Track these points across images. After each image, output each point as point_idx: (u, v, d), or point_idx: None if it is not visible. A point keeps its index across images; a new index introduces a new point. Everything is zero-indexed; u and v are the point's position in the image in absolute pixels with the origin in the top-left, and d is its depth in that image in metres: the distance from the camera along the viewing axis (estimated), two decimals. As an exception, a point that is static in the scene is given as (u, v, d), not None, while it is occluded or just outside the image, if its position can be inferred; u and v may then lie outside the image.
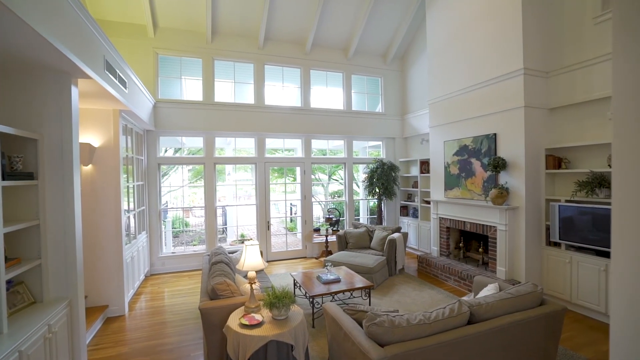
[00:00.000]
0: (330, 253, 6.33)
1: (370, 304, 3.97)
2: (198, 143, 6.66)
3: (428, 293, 4.51)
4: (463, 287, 4.65)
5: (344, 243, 5.79)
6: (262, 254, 3.48)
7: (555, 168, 4.08)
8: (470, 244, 5.42)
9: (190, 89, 6.10)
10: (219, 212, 7.02)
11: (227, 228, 8.66)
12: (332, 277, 3.94)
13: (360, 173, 8.00)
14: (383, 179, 6.60)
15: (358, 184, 8.11)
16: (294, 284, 4.25)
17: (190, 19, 5.71)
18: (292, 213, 9.97)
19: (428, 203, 6.16)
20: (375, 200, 7.15)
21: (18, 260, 2.34)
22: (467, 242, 5.43)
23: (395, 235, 5.29)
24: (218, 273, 3.05)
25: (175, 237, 8.41)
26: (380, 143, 7.56)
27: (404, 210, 7.24)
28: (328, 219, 7.10)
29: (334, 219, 7.19)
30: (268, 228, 6.49)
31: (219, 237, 6.64)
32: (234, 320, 2.47)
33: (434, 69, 5.71)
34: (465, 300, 2.27)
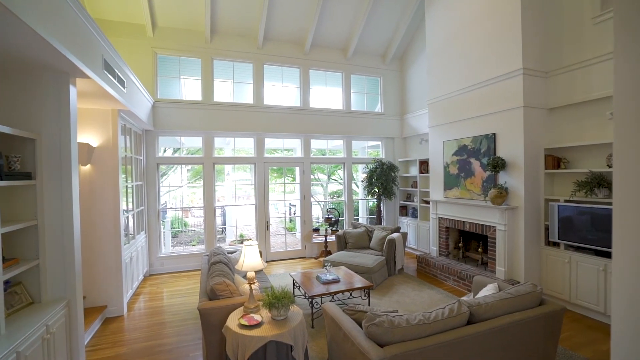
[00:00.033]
0: (330, 253, 6.33)
1: (370, 304, 3.97)
2: (197, 143, 6.66)
3: (427, 293, 4.51)
4: (462, 287, 4.65)
5: (343, 243, 5.79)
6: (261, 254, 3.47)
7: (555, 168, 4.08)
8: (470, 244, 5.42)
9: (189, 89, 6.09)
10: (218, 212, 7.01)
11: (226, 228, 8.65)
12: (331, 277, 3.94)
13: (360, 173, 8.00)
14: (382, 179, 6.61)
15: (357, 184, 8.11)
16: (293, 284, 4.24)
17: (189, 19, 5.70)
18: (291, 213, 9.97)
19: (427, 203, 6.16)
20: (375, 200, 7.15)
21: (16, 261, 2.33)
22: (466, 242, 5.43)
23: (395, 235, 5.29)
24: (217, 273, 3.04)
25: (174, 237, 8.40)
26: (380, 143, 7.57)
27: (403, 210, 7.25)
28: (327, 219, 7.10)
29: (333, 219, 7.19)
30: (267, 228, 6.48)
31: (218, 237, 6.63)
32: (233, 321, 2.46)
33: (433, 69, 5.71)
34: (465, 301, 2.27)
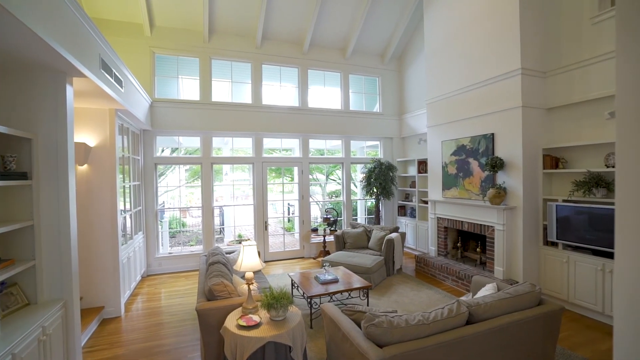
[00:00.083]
0: (328, 253, 6.32)
1: (369, 304, 3.96)
2: (195, 143, 6.64)
3: (426, 293, 4.50)
4: (461, 286, 4.66)
5: (342, 243, 5.79)
6: (259, 255, 3.45)
7: (553, 168, 4.09)
8: (468, 244, 5.43)
9: (187, 89, 6.06)
10: (216, 212, 6.99)
11: (224, 228, 8.63)
12: (330, 277, 3.93)
13: (358, 173, 8.00)
14: (381, 179, 6.60)
15: (356, 184, 8.10)
16: (292, 285, 4.23)
17: (187, 18, 5.68)
18: (289, 213, 9.95)
19: (426, 203, 6.16)
20: (373, 200, 7.14)
21: (12, 262, 2.31)
22: (464, 242, 5.43)
23: (393, 235, 5.29)
24: (215, 274, 3.02)
25: (172, 237, 8.37)
26: (378, 143, 7.56)
27: (402, 210, 7.25)
28: (326, 219, 7.08)
29: (332, 219, 7.18)
30: (265, 228, 6.47)
31: (216, 237, 6.62)
32: (232, 322, 2.45)
33: (432, 69, 5.71)
34: (464, 301, 2.27)
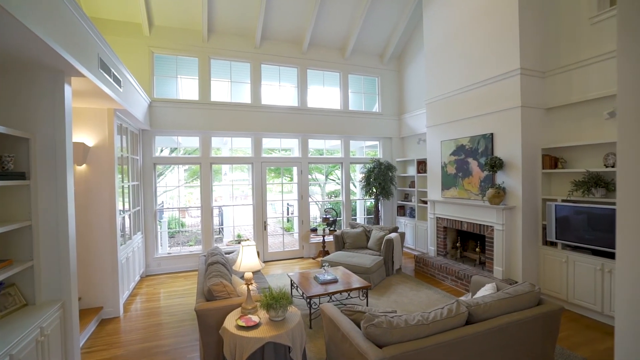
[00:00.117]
0: (328, 253, 6.31)
1: (368, 304, 3.96)
2: (194, 143, 6.62)
3: (425, 293, 4.50)
4: (460, 286, 4.66)
5: (341, 243, 5.78)
6: (258, 255, 3.45)
7: (552, 168, 4.09)
8: (467, 244, 5.43)
9: (186, 88, 6.05)
10: (216, 212, 6.98)
11: (223, 228, 8.62)
12: (329, 277, 3.93)
13: (357, 173, 7.99)
14: (380, 179, 6.60)
15: (355, 184, 8.10)
16: (291, 285, 4.22)
17: (186, 18, 5.66)
18: (289, 213, 9.94)
19: (425, 203, 6.16)
20: (372, 200, 7.14)
21: (10, 262, 2.29)
22: (464, 241, 5.44)
23: (393, 235, 5.29)
24: (214, 274, 3.01)
25: (171, 237, 8.35)
26: (377, 143, 7.56)
27: (401, 210, 7.25)
28: (325, 219, 7.08)
29: (331, 219, 7.18)
30: (265, 228, 6.46)
31: (216, 237, 6.60)
32: (231, 322, 2.44)
33: (431, 69, 5.71)
34: (464, 301, 2.26)
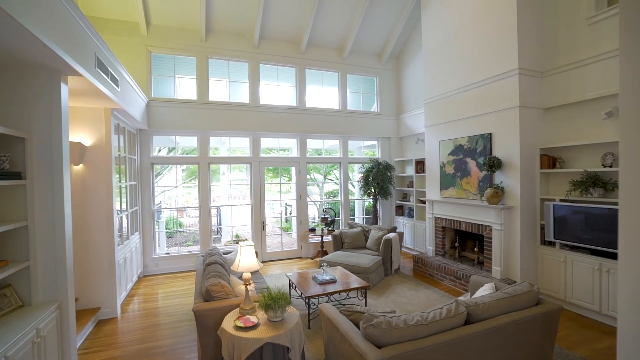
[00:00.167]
0: (326, 253, 6.30)
1: (367, 305, 3.95)
2: (192, 142, 6.59)
3: (424, 293, 4.50)
4: (459, 286, 4.66)
5: (340, 243, 5.77)
6: (257, 255, 3.44)
7: (550, 168, 4.10)
8: (466, 244, 5.43)
9: (184, 88, 6.03)
10: (214, 212, 6.95)
11: (221, 228, 8.59)
12: (327, 277, 3.92)
13: (356, 173, 7.99)
14: (378, 179, 6.60)
15: (353, 184, 8.10)
16: (290, 285, 4.21)
17: (184, 17, 5.64)
18: (287, 213, 9.93)
19: (423, 203, 6.16)
20: (371, 200, 7.14)
21: (5, 263, 2.27)
22: (462, 241, 5.44)
23: (391, 235, 5.29)
24: (212, 274, 3.00)
25: (169, 237, 8.30)
26: (376, 143, 7.56)
27: (400, 210, 7.25)
28: (323, 219, 7.07)
29: (330, 219, 7.17)
30: (263, 228, 6.44)
31: (214, 237, 6.58)
32: (229, 323, 2.43)
33: (430, 69, 5.71)
34: (462, 301, 2.26)
